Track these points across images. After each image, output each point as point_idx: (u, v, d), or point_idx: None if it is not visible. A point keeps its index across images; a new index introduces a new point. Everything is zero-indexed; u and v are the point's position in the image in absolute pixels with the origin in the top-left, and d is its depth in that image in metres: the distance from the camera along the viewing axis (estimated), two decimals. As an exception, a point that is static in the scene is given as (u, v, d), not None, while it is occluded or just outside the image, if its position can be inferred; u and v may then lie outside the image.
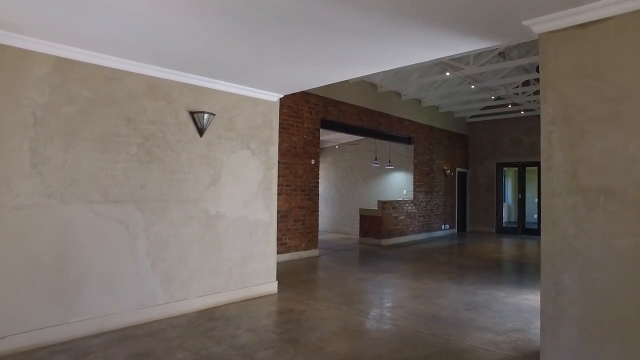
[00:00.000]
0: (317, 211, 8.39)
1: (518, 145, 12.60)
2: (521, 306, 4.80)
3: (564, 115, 2.82)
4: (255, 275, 5.06)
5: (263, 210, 5.18)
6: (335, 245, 9.86)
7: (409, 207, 11.02)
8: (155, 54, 3.76)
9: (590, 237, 2.70)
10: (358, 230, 11.22)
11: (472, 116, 13.33)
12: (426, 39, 3.34)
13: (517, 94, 10.45)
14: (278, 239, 7.53)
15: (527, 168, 12.61)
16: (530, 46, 9.12)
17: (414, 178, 11.22)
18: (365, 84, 9.63)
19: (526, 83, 10.36)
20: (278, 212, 7.54)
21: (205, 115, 4.47)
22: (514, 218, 14.18)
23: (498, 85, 9.66)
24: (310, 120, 8.26)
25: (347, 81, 9.04)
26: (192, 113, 4.44)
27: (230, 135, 4.82)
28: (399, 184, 11.70)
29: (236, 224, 4.85)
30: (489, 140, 13.23)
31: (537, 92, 10.69)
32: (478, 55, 8.60)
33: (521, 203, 12.74)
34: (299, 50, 3.66)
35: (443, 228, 12.37)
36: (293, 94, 7.83)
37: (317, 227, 8.40)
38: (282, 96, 5.38)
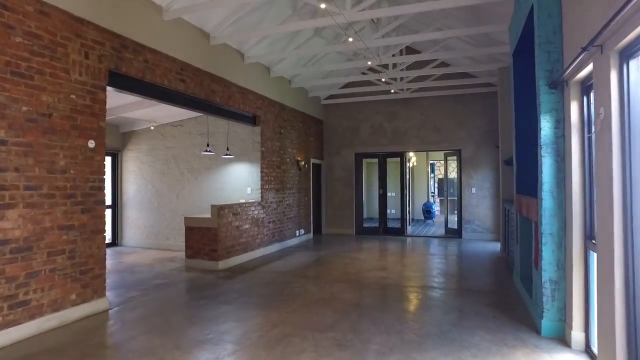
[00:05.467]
0: (103, 232, 4.76)
1: (379, 133, 10.93)
2: None
3: None
4: None
5: None
6: (147, 278, 6.28)
7: (256, 212, 8.13)
8: None
9: None
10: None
11: (329, 97, 11.17)
12: None
13: (387, 65, 8.54)
14: (8, 297, 3.73)
15: (388, 159, 11.08)
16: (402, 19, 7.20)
17: (261, 172, 8.35)
18: (192, 30, 6.27)
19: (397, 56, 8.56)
20: (7, 241, 3.73)
21: None
22: (367, 215, 12.72)
23: (371, 49, 7.49)
24: (87, 70, 4.56)
25: (159, 17, 5.57)
26: None
27: None
28: (241, 180, 8.71)
29: None
30: (347, 126, 11.23)
31: (411, 67, 9.03)
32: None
33: (382, 199, 11.17)
34: None
35: (298, 234, 9.88)
36: (41, 11, 4.04)
37: (104, 260, 4.78)
38: None
